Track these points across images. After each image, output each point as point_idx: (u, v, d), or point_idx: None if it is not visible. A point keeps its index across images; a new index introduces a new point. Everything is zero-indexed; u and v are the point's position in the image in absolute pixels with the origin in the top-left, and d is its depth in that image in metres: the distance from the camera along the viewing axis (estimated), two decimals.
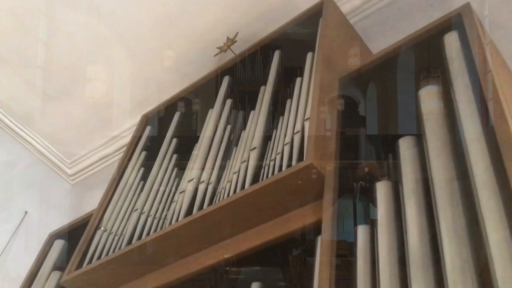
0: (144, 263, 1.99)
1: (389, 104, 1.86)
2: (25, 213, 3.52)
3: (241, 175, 1.87)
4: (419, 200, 1.36)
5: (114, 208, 2.37)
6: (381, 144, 1.83)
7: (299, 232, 1.65)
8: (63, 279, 2.17)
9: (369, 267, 1.36)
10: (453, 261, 1.14)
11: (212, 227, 1.84)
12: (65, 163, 3.77)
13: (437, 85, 1.59)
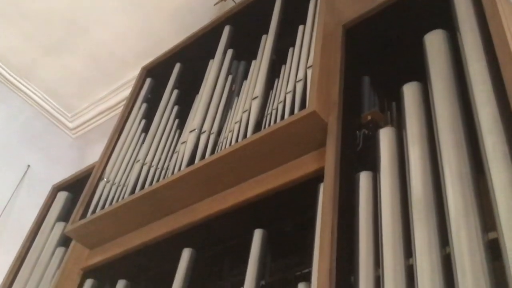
0: (147, 212, 2.01)
1: (394, 51, 1.82)
2: (27, 166, 3.53)
3: (243, 124, 1.86)
4: (423, 146, 1.35)
5: (116, 159, 2.38)
6: (385, 93, 1.81)
7: (302, 180, 1.64)
8: (67, 229, 2.19)
9: (372, 214, 1.37)
10: (456, 205, 1.14)
11: (214, 177, 1.84)
12: (66, 116, 3.76)
13: (443, 29, 1.55)
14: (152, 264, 2.09)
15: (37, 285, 2.27)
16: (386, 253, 1.22)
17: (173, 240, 1.94)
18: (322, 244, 1.33)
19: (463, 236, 1.08)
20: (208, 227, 1.88)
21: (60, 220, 2.53)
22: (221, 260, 2.09)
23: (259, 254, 1.68)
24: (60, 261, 2.29)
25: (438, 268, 1.12)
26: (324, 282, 1.26)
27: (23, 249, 2.54)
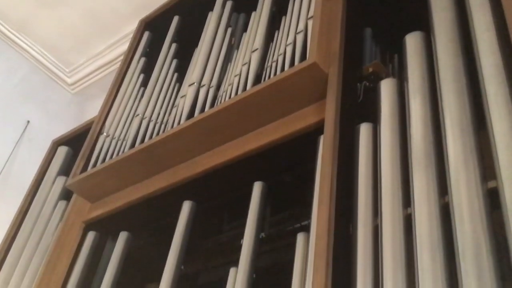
0: (147, 165, 2.01)
1: (396, 1, 1.78)
2: (27, 122, 3.53)
3: (243, 77, 1.84)
4: (424, 97, 1.33)
5: (115, 114, 2.37)
6: (387, 45, 1.78)
7: (302, 132, 1.64)
8: (68, 182, 2.21)
9: (371, 165, 1.37)
10: (456, 155, 1.14)
11: (214, 130, 1.83)
12: (64, 71, 3.72)
13: None
14: (153, 217, 2.11)
15: (40, 238, 2.30)
16: (384, 202, 1.23)
17: (173, 193, 1.96)
18: (321, 195, 1.34)
19: (462, 185, 1.08)
20: (208, 180, 1.89)
21: (61, 175, 2.54)
22: (221, 213, 2.12)
23: (259, 207, 1.69)
24: (62, 215, 2.31)
25: (437, 217, 1.13)
26: (323, 232, 1.28)
27: (25, 203, 2.56)
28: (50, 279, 2.04)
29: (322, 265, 1.21)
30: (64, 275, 2.04)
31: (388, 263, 1.16)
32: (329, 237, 1.25)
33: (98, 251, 2.12)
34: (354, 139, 1.45)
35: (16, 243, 2.37)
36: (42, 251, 2.21)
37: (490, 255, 1.00)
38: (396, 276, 1.13)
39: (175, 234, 1.82)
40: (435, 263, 1.08)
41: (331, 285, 1.20)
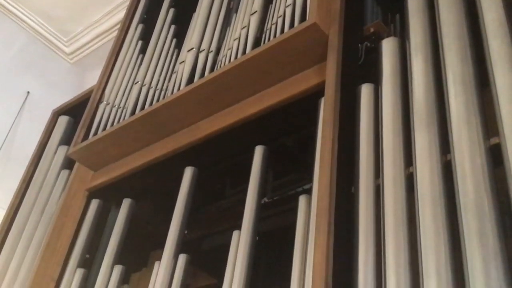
0: (148, 132, 2.01)
1: None
2: (27, 93, 3.51)
3: (242, 41, 1.82)
4: (427, 55, 1.31)
5: (114, 82, 2.35)
6: (388, 5, 1.75)
7: (302, 95, 1.62)
8: (70, 151, 2.21)
9: (373, 125, 1.36)
10: (458, 112, 1.13)
11: (214, 95, 1.82)
12: (62, 41, 3.68)
13: None
14: (155, 184, 2.12)
15: (44, 207, 2.32)
16: (386, 162, 1.23)
17: (175, 159, 1.96)
18: (323, 156, 1.34)
19: (464, 142, 1.07)
20: (209, 146, 1.88)
21: (63, 144, 2.54)
22: (223, 178, 2.12)
23: (260, 171, 1.69)
24: (65, 183, 2.32)
25: (439, 175, 1.12)
26: (324, 193, 1.28)
27: (28, 173, 2.57)
28: (55, 247, 2.07)
29: (324, 225, 1.22)
30: (69, 243, 2.07)
31: (390, 222, 1.16)
32: (331, 197, 1.25)
33: (102, 219, 2.14)
34: (355, 100, 1.43)
35: (21, 212, 2.39)
36: (47, 220, 2.23)
37: (492, 211, 1.00)
38: (398, 234, 1.13)
39: (178, 199, 1.83)
40: (436, 221, 1.09)
41: (333, 245, 1.21)
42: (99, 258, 1.98)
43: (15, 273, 2.14)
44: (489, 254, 0.97)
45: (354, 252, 1.19)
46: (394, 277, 1.09)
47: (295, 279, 1.34)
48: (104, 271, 1.87)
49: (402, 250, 1.12)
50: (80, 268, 1.96)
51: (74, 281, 1.92)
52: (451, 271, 1.02)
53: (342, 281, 1.17)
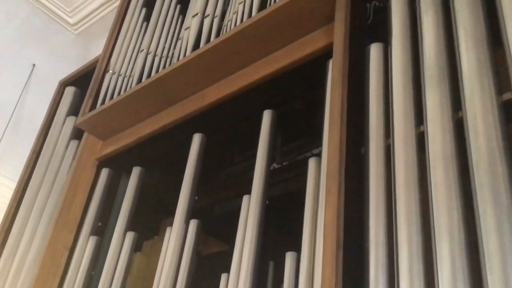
0: (156, 100, 2.00)
1: None
2: (33, 65, 3.50)
3: (247, 4, 1.78)
4: (437, 11, 1.28)
5: (120, 51, 2.33)
6: None
7: (310, 57, 1.60)
8: (78, 121, 2.21)
9: (382, 85, 1.34)
10: (470, 68, 1.11)
11: (220, 60, 1.80)
12: (65, 11, 3.65)
13: None
14: (164, 151, 2.12)
15: (54, 177, 2.33)
16: (396, 121, 1.21)
17: (183, 126, 1.95)
18: (332, 117, 1.32)
19: (476, 98, 1.06)
20: (217, 112, 1.87)
21: (71, 115, 2.54)
22: (232, 144, 2.12)
23: (269, 136, 1.68)
24: (74, 154, 2.32)
25: (450, 133, 1.11)
26: (334, 154, 1.27)
27: (37, 144, 2.58)
28: (68, 216, 2.09)
29: (335, 186, 1.21)
30: (81, 212, 2.09)
31: (401, 182, 1.15)
32: (341, 158, 1.24)
33: (112, 188, 2.15)
34: (364, 60, 1.41)
35: (32, 184, 2.40)
36: (58, 190, 2.25)
37: (505, 167, 0.99)
38: (409, 193, 1.12)
39: (187, 166, 1.83)
40: (448, 179, 1.08)
41: (344, 206, 1.21)
42: (111, 225, 2.00)
43: (28, 243, 2.17)
44: (502, 211, 0.96)
45: (365, 212, 1.19)
46: (406, 236, 1.09)
47: (306, 241, 1.35)
48: (117, 238, 1.90)
49: (414, 210, 1.11)
50: (93, 236, 1.98)
51: (87, 249, 1.95)
52: (463, 230, 1.02)
53: (353, 241, 1.18)
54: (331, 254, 1.14)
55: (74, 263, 1.94)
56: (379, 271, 1.11)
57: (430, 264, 1.05)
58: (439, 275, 1.00)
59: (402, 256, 1.07)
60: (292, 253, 1.39)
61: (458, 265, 0.97)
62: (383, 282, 1.09)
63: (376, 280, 1.10)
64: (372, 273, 1.11)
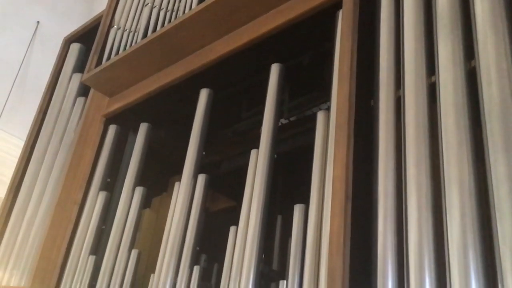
0: (162, 55, 1.97)
1: None
2: (37, 23, 3.46)
3: None
4: None
5: (124, 5, 2.29)
6: None
7: (319, 8, 1.56)
8: (84, 77, 2.19)
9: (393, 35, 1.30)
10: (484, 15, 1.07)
11: (227, 13, 1.76)
12: None
13: None
14: (171, 107, 2.11)
15: (62, 135, 2.34)
16: (407, 72, 1.19)
17: (190, 81, 1.93)
18: (341, 69, 1.30)
19: (490, 46, 1.03)
20: (224, 67, 1.85)
21: (76, 72, 2.52)
22: (239, 100, 2.10)
23: (277, 90, 1.66)
24: (81, 111, 2.32)
25: (462, 83, 1.09)
26: (343, 107, 1.25)
27: (44, 102, 2.58)
28: (76, 173, 2.10)
29: (344, 138, 1.20)
30: (90, 168, 2.10)
31: (411, 134, 1.14)
32: (350, 110, 1.23)
33: (120, 144, 2.16)
34: (375, 10, 1.37)
35: (40, 142, 2.41)
36: (66, 147, 2.25)
37: None
38: (419, 144, 1.11)
39: (195, 121, 1.83)
40: (460, 131, 1.06)
41: (353, 159, 1.20)
42: (120, 181, 2.01)
43: (38, 199, 2.20)
44: None
45: (374, 164, 1.18)
46: (415, 188, 1.08)
47: (314, 194, 1.35)
48: (126, 193, 1.91)
49: (423, 161, 1.10)
50: (102, 191, 2.00)
51: (97, 204, 1.97)
52: (474, 180, 1.01)
53: (362, 193, 1.17)
54: (340, 206, 1.14)
55: (84, 218, 1.97)
56: (387, 223, 1.11)
57: (439, 215, 1.05)
58: (448, 225, 1.00)
59: (411, 207, 1.07)
60: (300, 206, 1.39)
61: (468, 214, 0.97)
62: (392, 234, 1.10)
63: (384, 231, 1.10)
64: (380, 225, 1.11)
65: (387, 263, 1.08)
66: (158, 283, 1.58)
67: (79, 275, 1.82)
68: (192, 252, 1.60)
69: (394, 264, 1.07)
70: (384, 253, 1.08)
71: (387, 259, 1.08)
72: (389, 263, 1.08)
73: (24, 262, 2.01)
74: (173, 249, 1.62)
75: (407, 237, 1.06)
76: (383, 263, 1.08)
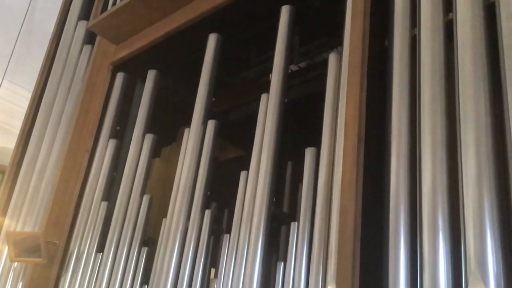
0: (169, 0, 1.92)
1: None
2: None
3: None
4: None
5: None
6: None
7: None
8: (90, 24, 2.15)
9: None
10: None
11: None
12: None
13: None
14: (179, 54, 2.08)
15: (70, 84, 2.32)
16: (424, 10, 1.15)
17: (198, 26, 1.89)
18: (354, 8, 1.27)
19: None
20: (232, 10, 1.79)
21: (82, 19, 2.47)
22: (248, 46, 2.06)
23: (287, 33, 1.63)
24: (88, 58, 2.29)
25: (480, 19, 1.05)
26: (357, 47, 1.23)
27: (50, 51, 2.55)
28: (86, 121, 2.10)
29: (357, 78, 1.18)
30: (99, 117, 2.09)
31: (427, 73, 1.11)
32: (364, 50, 1.20)
33: (129, 92, 2.14)
34: None
35: (47, 91, 2.39)
36: (74, 95, 2.24)
37: None
38: (434, 83, 1.09)
39: (203, 66, 1.80)
40: (477, 69, 1.04)
41: (366, 99, 1.18)
42: (130, 129, 2.01)
43: (49, 148, 2.20)
44: None
45: (387, 105, 1.16)
46: (430, 127, 1.06)
47: (326, 137, 1.34)
48: (136, 140, 1.91)
49: (439, 99, 1.08)
50: (112, 139, 2.00)
51: (107, 151, 1.97)
52: (490, 119, 0.99)
53: (375, 133, 1.16)
54: (353, 145, 1.13)
55: (95, 165, 1.97)
56: (400, 162, 1.10)
57: (454, 154, 1.03)
58: (463, 164, 0.98)
59: (425, 147, 1.06)
60: (311, 149, 1.38)
61: (483, 151, 0.96)
62: (405, 172, 1.09)
63: (397, 171, 1.10)
64: (393, 165, 1.11)
65: (400, 202, 1.07)
66: (170, 227, 1.60)
67: (92, 221, 1.85)
68: (203, 196, 1.61)
69: (407, 204, 1.07)
70: (397, 192, 1.08)
71: (399, 199, 1.08)
72: (401, 202, 1.07)
73: (37, 209, 2.04)
74: (184, 194, 1.63)
75: (420, 177, 1.05)
76: (395, 202, 1.08)
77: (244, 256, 1.37)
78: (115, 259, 1.70)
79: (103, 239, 1.78)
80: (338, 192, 1.16)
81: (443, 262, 0.97)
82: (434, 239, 0.98)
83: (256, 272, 1.32)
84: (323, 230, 1.22)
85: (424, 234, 1.00)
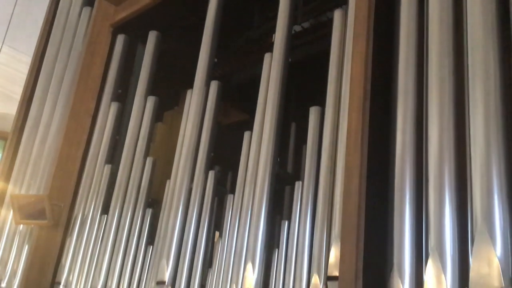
0: None
1: None
2: None
3: None
4: None
5: None
6: None
7: None
8: None
9: None
10: None
11: None
12: None
13: None
14: (181, 14, 2.04)
15: (70, 46, 2.28)
16: None
17: None
18: None
19: None
20: None
21: None
22: (251, 7, 2.02)
23: None
24: (88, 20, 2.25)
25: None
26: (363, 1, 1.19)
27: (49, 14, 2.50)
28: (87, 84, 2.07)
29: (363, 33, 1.15)
30: (100, 80, 2.06)
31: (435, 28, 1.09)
32: (370, 5, 1.17)
33: (130, 54, 2.11)
34: None
35: (48, 55, 2.36)
36: (75, 58, 2.20)
37: None
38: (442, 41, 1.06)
39: (206, 25, 1.77)
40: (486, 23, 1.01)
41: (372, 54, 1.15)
42: (132, 92, 1.98)
43: (51, 112, 2.18)
44: None
45: (394, 59, 1.14)
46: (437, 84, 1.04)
47: (331, 95, 1.32)
48: (138, 103, 1.89)
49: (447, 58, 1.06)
50: (114, 102, 1.98)
51: (110, 114, 1.96)
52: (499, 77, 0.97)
53: (381, 90, 1.14)
54: (358, 102, 1.11)
55: (98, 128, 1.96)
56: (407, 120, 1.08)
57: (462, 112, 1.02)
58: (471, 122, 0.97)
59: (432, 104, 1.04)
60: (316, 108, 1.37)
61: (492, 107, 0.94)
62: (411, 129, 1.08)
63: (403, 127, 1.08)
64: (399, 121, 1.09)
65: (406, 160, 1.06)
66: (174, 188, 1.60)
67: (96, 183, 1.85)
68: (206, 157, 1.61)
69: (413, 161, 1.06)
70: (403, 150, 1.07)
71: (405, 156, 1.06)
72: (407, 160, 1.06)
73: (40, 173, 2.03)
74: (187, 155, 1.62)
75: (427, 134, 1.04)
76: (401, 160, 1.06)
77: (248, 216, 1.37)
78: (120, 221, 1.71)
79: (108, 201, 1.79)
80: (343, 150, 1.15)
81: (449, 218, 0.96)
82: (440, 196, 0.98)
83: (260, 232, 1.32)
84: (328, 189, 1.21)
85: (430, 191, 0.99)
